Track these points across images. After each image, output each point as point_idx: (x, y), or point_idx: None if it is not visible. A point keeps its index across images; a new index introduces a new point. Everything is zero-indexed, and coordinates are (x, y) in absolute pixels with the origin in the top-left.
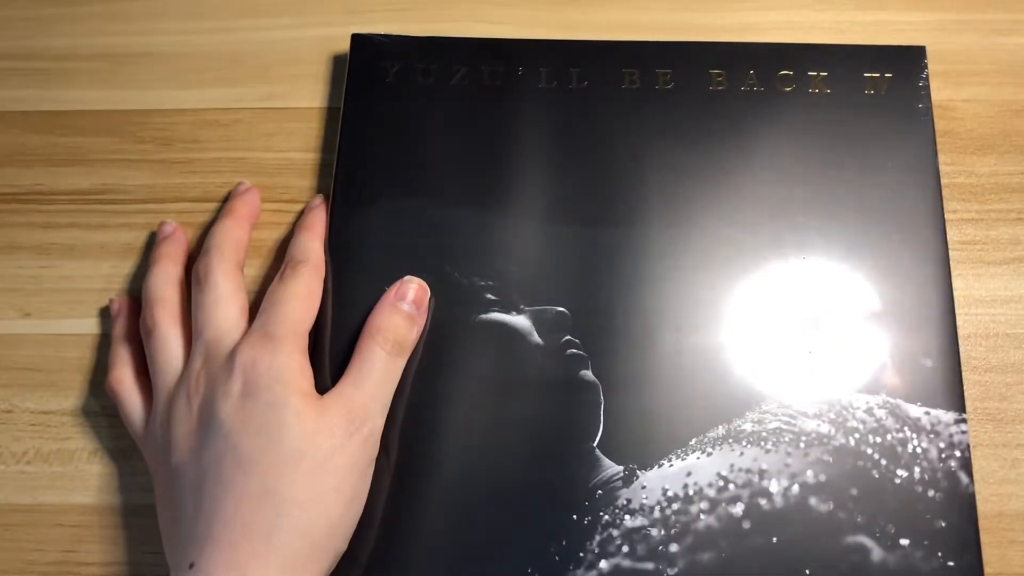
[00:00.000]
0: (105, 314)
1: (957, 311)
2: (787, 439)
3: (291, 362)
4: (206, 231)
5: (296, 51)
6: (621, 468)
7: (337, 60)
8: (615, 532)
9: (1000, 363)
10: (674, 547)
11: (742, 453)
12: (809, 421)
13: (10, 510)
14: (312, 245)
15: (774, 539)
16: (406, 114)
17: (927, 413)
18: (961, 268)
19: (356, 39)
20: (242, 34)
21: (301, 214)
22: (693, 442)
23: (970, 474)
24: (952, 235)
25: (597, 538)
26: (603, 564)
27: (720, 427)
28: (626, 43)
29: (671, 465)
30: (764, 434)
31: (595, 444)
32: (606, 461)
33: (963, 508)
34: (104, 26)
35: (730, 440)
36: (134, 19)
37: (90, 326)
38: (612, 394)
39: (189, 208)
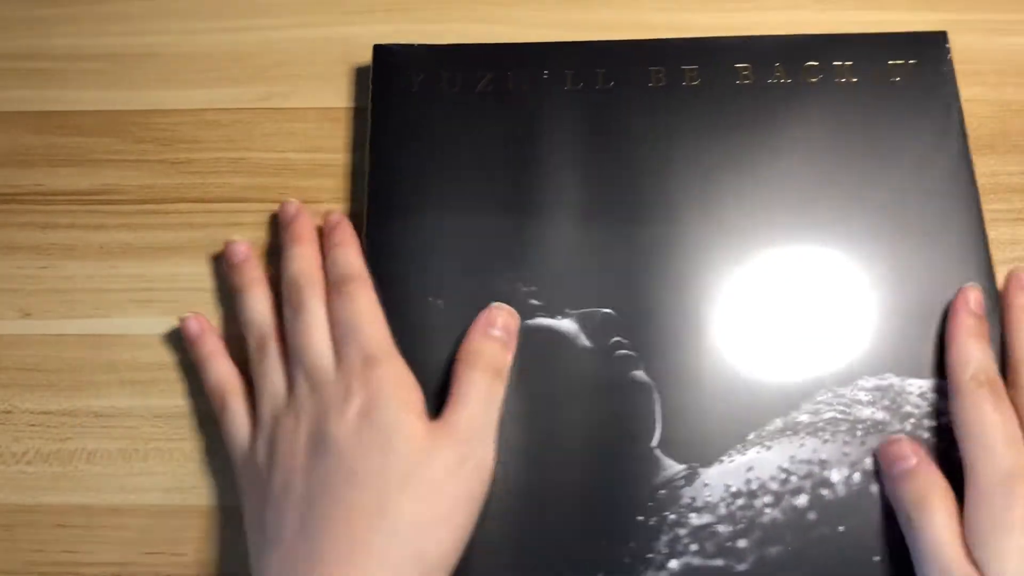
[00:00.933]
0: (105, 314)
1: None
2: (844, 428)
3: (402, 380)
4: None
5: (296, 51)
6: (683, 467)
7: (337, 60)
8: (682, 531)
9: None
10: (742, 542)
11: (802, 444)
12: (864, 409)
13: (10, 510)
14: (352, 260)
15: (840, 528)
16: (433, 123)
17: None
18: None
19: (378, 50)
20: (242, 34)
21: (325, 232)
22: (752, 436)
23: None
24: None
25: (664, 538)
26: (673, 563)
27: (777, 420)
28: (651, 41)
29: (732, 461)
30: (821, 424)
31: (654, 445)
32: (667, 461)
33: None
34: (104, 26)
35: (788, 433)
36: (134, 19)
37: (90, 326)
38: (666, 393)
39: (189, 208)
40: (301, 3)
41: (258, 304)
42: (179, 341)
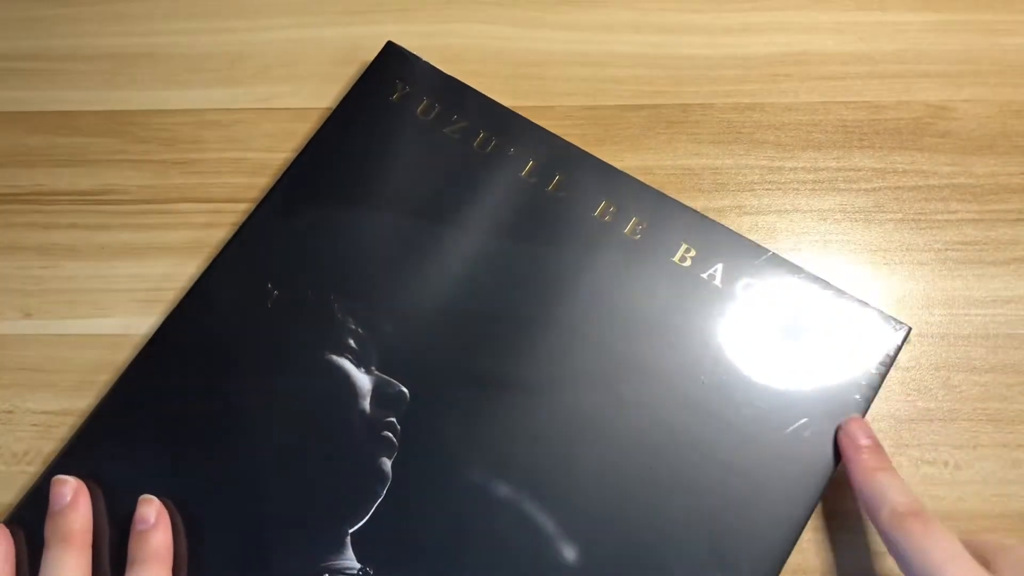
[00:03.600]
0: (106, 314)
1: (957, 311)
2: None
3: None
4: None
5: (296, 51)
6: (359, 566)
7: (338, 60)
8: None
9: (1000, 363)
10: None
11: None
12: None
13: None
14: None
15: None
16: (387, 137)
17: None
18: (961, 268)
19: (390, 47)
20: (242, 34)
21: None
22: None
23: None
24: (952, 235)
25: None
26: None
27: None
28: (621, 174)
29: None
30: None
31: (351, 530)
32: (350, 552)
33: None
34: (104, 27)
35: None
36: (134, 19)
37: (91, 326)
38: (395, 494)
39: (189, 208)
40: (301, 3)
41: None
42: None
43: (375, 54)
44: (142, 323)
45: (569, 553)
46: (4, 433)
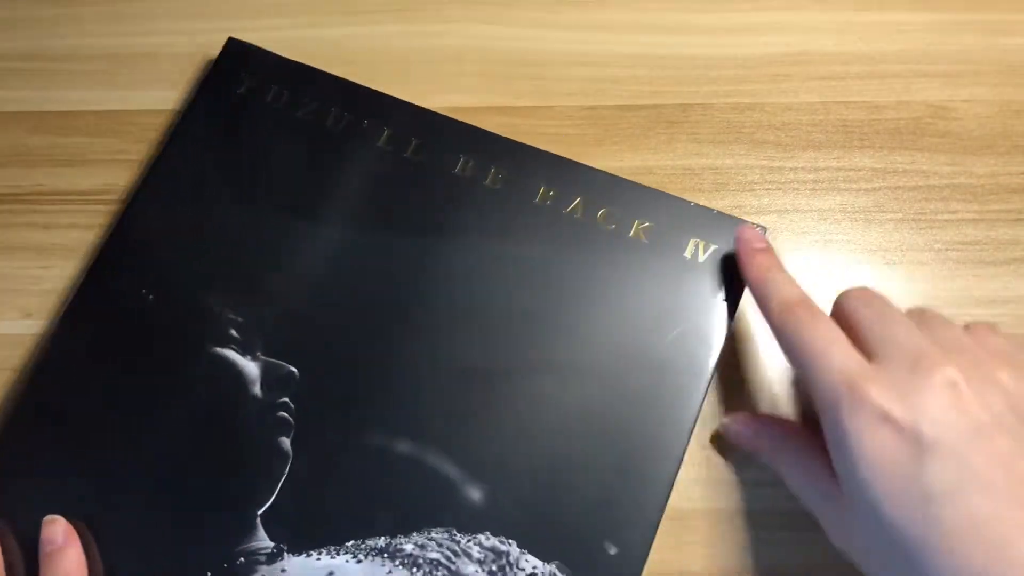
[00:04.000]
0: None
1: (957, 311)
2: (441, 573)
3: None
4: None
5: (296, 51)
6: (271, 545)
7: (338, 60)
8: None
9: None
10: None
11: (391, 571)
12: (470, 565)
13: None
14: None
15: None
16: (241, 130)
17: None
18: (961, 268)
19: (230, 42)
20: (243, 34)
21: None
22: (350, 544)
23: None
24: (952, 235)
25: None
26: None
27: (382, 539)
28: (473, 128)
29: (319, 559)
30: (421, 561)
31: (260, 512)
32: (261, 532)
33: None
34: (104, 26)
35: (386, 554)
36: (134, 19)
37: None
38: (298, 471)
39: None
40: (301, 3)
41: None
42: None
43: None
44: None
45: (475, 494)
46: None
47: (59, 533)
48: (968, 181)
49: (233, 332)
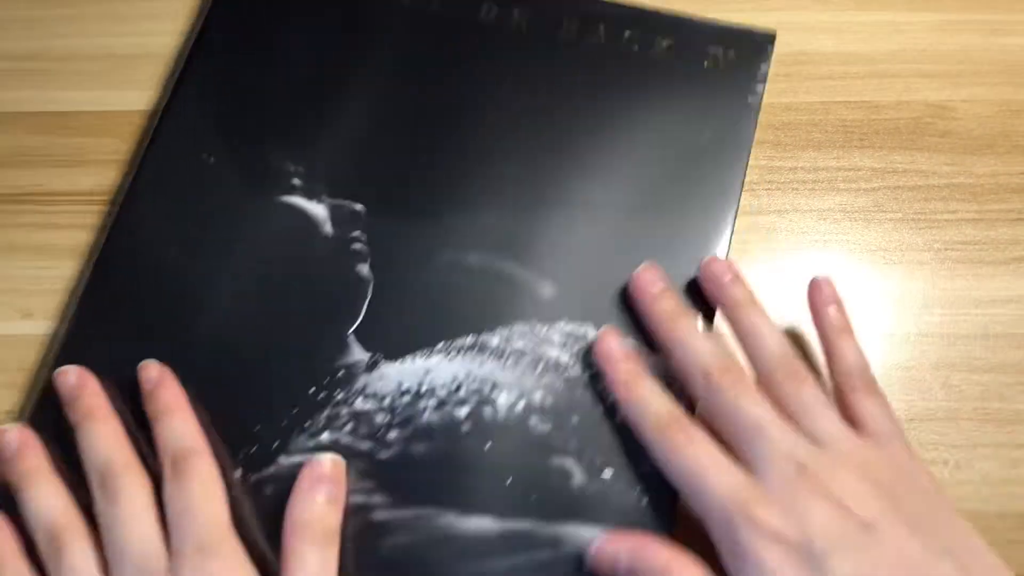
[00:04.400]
0: None
1: (957, 311)
2: (527, 361)
3: (238, 572)
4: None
5: None
6: (368, 356)
7: None
8: (344, 410)
9: (1000, 363)
10: (393, 434)
11: (482, 364)
12: (553, 349)
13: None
14: (187, 428)
15: (486, 445)
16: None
17: None
18: (961, 268)
19: None
20: None
21: (145, 391)
22: (440, 345)
23: None
24: (951, 235)
25: (327, 412)
26: (324, 436)
27: (469, 336)
28: None
29: (414, 362)
30: (508, 352)
31: (352, 331)
32: (357, 347)
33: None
34: (104, 26)
35: (475, 350)
36: (134, 19)
37: None
38: (381, 289)
39: None
40: None
41: (48, 499)
42: None
43: None
44: None
45: (547, 290)
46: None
47: (155, 371)
48: (968, 181)
49: (296, 181)
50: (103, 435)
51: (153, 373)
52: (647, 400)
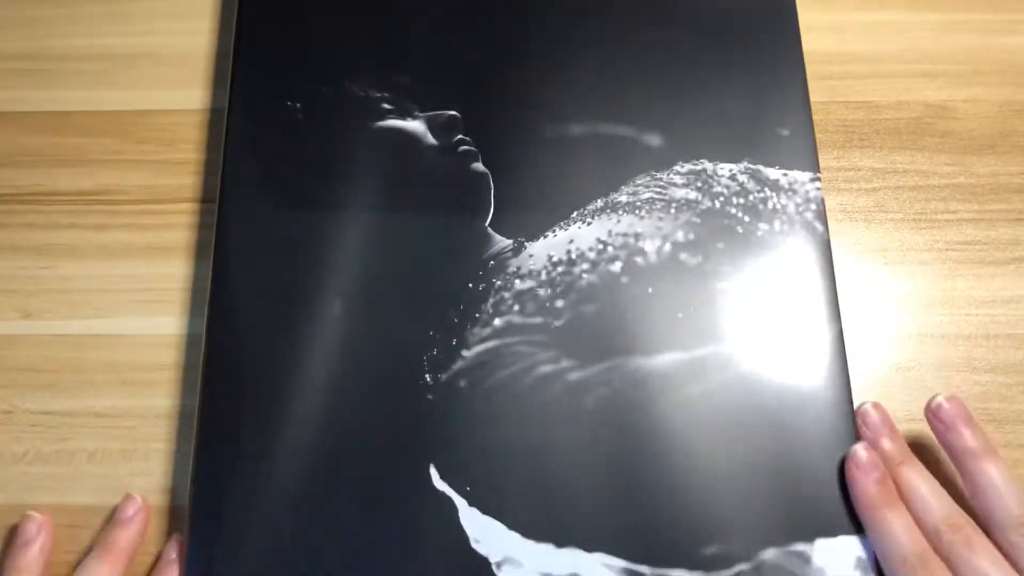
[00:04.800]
0: (106, 314)
1: (957, 311)
2: (659, 206)
3: None
4: None
5: None
6: (511, 241)
7: None
8: (506, 294)
9: (1000, 363)
10: (560, 303)
11: (619, 220)
12: (679, 190)
13: (10, 510)
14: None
15: (649, 289)
16: None
17: (784, 175)
18: (961, 268)
19: None
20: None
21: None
22: (574, 215)
23: (824, 222)
24: (952, 235)
25: (491, 300)
26: (497, 321)
27: (598, 200)
28: None
29: (555, 236)
30: (638, 203)
31: (487, 223)
32: (497, 237)
33: (818, 251)
34: (104, 26)
35: (607, 210)
36: (134, 19)
37: (91, 327)
38: (501, 180)
39: (189, 208)
40: None
41: None
42: (179, 341)
43: None
44: (141, 323)
45: (654, 140)
46: (3, 433)
47: (130, 508)
48: (968, 181)
49: (385, 106)
50: (96, 573)
51: (128, 511)
52: (892, 529)
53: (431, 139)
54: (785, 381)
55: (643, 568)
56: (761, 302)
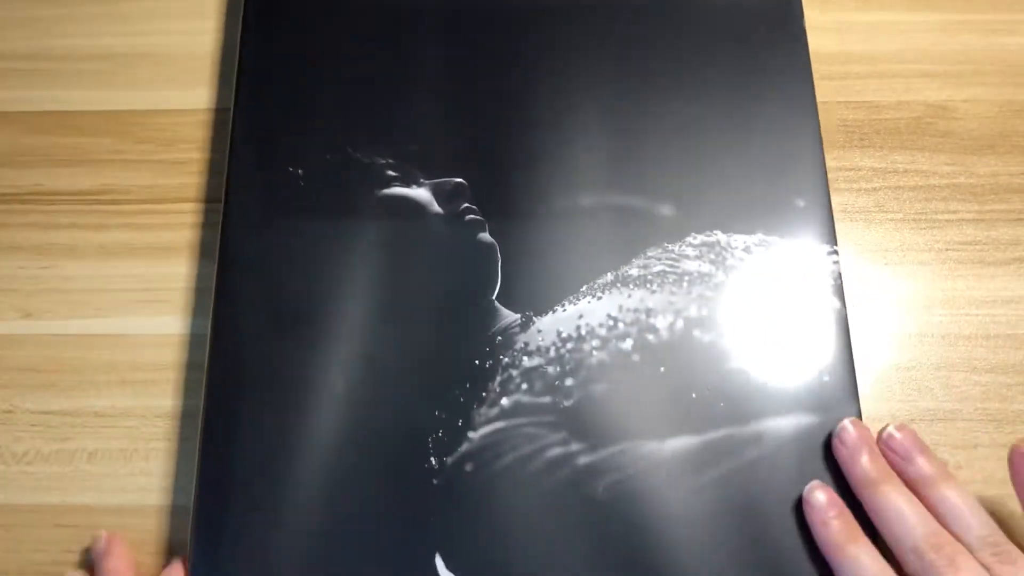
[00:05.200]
0: (106, 314)
1: (958, 311)
2: (671, 280)
3: None
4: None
5: None
6: (518, 316)
7: None
8: (514, 372)
9: (1000, 363)
10: (569, 381)
11: (630, 295)
12: (691, 263)
13: (10, 510)
14: None
15: (661, 369)
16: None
17: (800, 247)
18: (961, 268)
19: None
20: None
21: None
22: (584, 289)
23: (842, 299)
24: (952, 235)
25: (498, 379)
26: (504, 401)
27: (608, 274)
28: None
29: (564, 310)
30: (650, 277)
31: (494, 297)
32: (504, 311)
33: (836, 328)
34: (104, 26)
35: (618, 284)
36: (134, 19)
37: (90, 326)
38: (508, 252)
39: (189, 208)
40: None
41: None
42: (180, 341)
43: None
44: (141, 323)
45: (666, 210)
46: (3, 433)
47: (103, 541)
48: (968, 181)
49: (390, 172)
50: None
51: (100, 545)
52: (866, 565)
53: (437, 207)
54: (804, 466)
55: None
56: (778, 382)
